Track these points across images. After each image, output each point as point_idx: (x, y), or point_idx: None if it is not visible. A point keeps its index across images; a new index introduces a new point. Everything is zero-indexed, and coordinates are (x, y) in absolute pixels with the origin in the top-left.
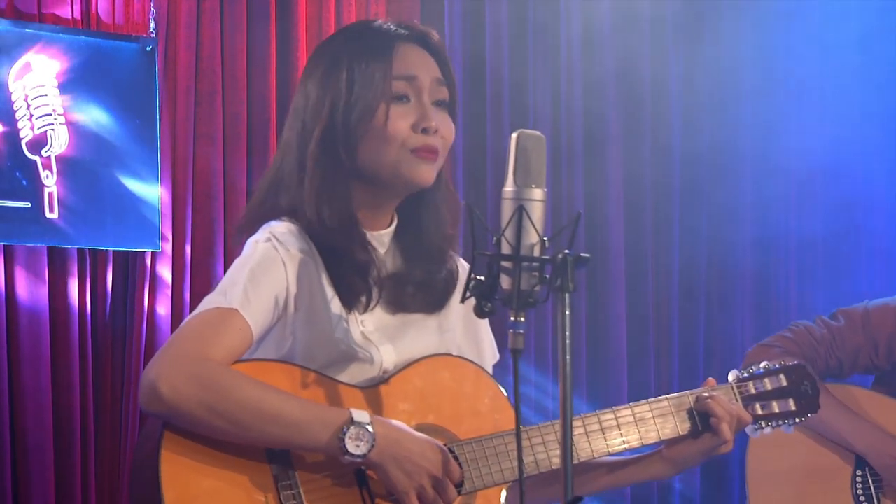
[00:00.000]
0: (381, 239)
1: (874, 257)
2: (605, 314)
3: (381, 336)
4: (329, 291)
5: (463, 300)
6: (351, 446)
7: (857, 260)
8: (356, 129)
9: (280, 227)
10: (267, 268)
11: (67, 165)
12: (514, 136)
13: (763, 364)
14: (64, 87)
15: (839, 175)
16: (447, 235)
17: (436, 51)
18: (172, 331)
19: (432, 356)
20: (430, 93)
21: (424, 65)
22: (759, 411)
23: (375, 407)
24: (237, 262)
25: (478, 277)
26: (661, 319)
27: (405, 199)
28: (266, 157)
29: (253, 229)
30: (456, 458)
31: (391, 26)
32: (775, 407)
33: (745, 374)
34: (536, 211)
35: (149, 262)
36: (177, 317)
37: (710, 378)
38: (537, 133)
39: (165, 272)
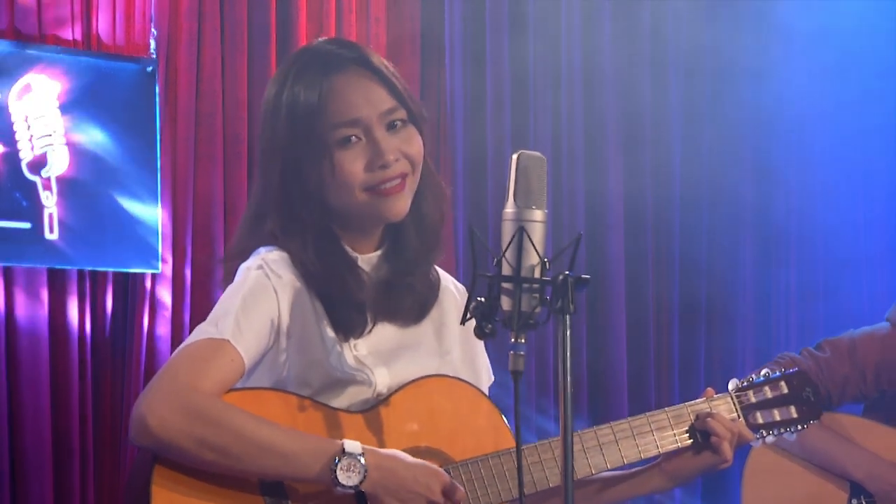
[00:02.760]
0: (371, 260)
1: (874, 272)
2: (605, 333)
3: (375, 359)
4: (321, 318)
5: (463, 321)
6: (342, 477)
7: (857, 276)
8: (312, 179)
9: (272, 255)
10: (259, 296)
11: (67, 186)
12: (514, 156)
13: (763, 371)
14: (64, 108)
15: (839, 193)
16: (434, 244)
17: (378, 71)
18: (172, 352)
19: (427, 378)
20: (380, 124)
21: (367, 97)
22: (760, 420)
23: (371, 431)
24: (229, 290)
25: (478, 298)
26: (661, 338)
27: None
28: None
29: (244, 256)
30: None
31: (326, 51)
32: (776, 415)
33: (745, 383)
34: (537, 232)
35: (148, 283)
36: (176, 338)
37: (710, 388)
38: (538, 154)
39: (165, 294)
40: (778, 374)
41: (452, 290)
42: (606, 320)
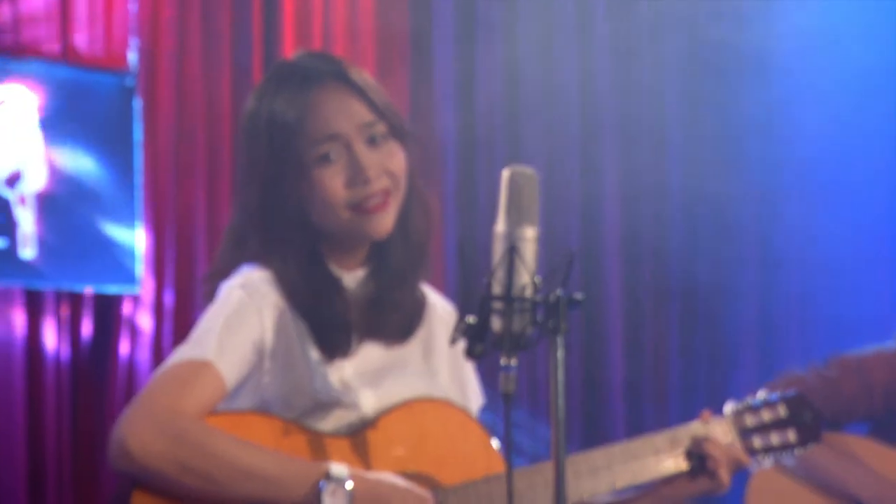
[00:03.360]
0: (355, 276)
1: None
2: (599, 352)
3: (361, 380)
4: (305, 339)
5: (452, 342)
6: (328, 501)
7: (860, 294)
8: (292, 197)
9: (255, 274)
10: (242, 317)
11: (44, 203)
12: (505, 173)
13: (760, 395)
14: (42, 122)
15: (843, 197)
16: (421, 261)
17: (356, 84)
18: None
19: (415, 400)
20: (359, 139)
21: (345, 112)
22: (758, 444)
23: (357, 455)
24: (211, 310)
25: (468, 318)
26: (658, 358)
27: None
28: None
29: (226, 274)
30: None
31: (304, 66)
32: (774, 439)
33: (743, 406)
34: (528, 250)
35: (128, 303)
36: (157, 358)
37: (706, 410)
38: (529, 170)
39: (145, 313)
40: (776, 397)
41: (440, 310)
42: (601, 340)
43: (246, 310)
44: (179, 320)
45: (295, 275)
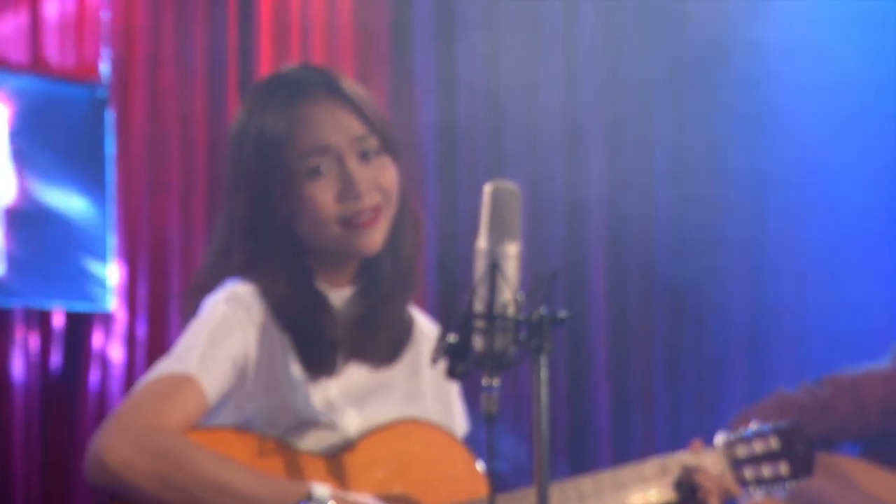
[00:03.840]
0: (343, 294)
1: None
2: (585, 372)
3: (346, 401)
4: (290, 356)
5: (433, 361)
6: None
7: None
8: (281, 211)
9: (240, 289)
10: (226, 332)
11: (13, 218)
12: (487, 188)
13: (753, 426)
14: (11, 135)
15: (836, 202)
16: (410, 281)
17: (349, 97)
18: (127, 389)
19: (400, 421)
20: (351, 152)
21: (337, 124)
22: (749, 475)
23: (339, 476)
24: (195, 324)
25: (449, 337)
26: (645, 378)
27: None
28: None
29: (209, 288)
30: None
31: (295, 78)
32: (765, 471)
33: (734, 437)
34: (511, 267)
35: (99, 321)
36: (131, 373)
37: (697, 440)
38: (511, 185)
39: (118, 330)
40: (769, 428)
41: (426, 331)
42: (586, 359)
43: (230, 325)
44: (151, 332)
45: (281, 290)
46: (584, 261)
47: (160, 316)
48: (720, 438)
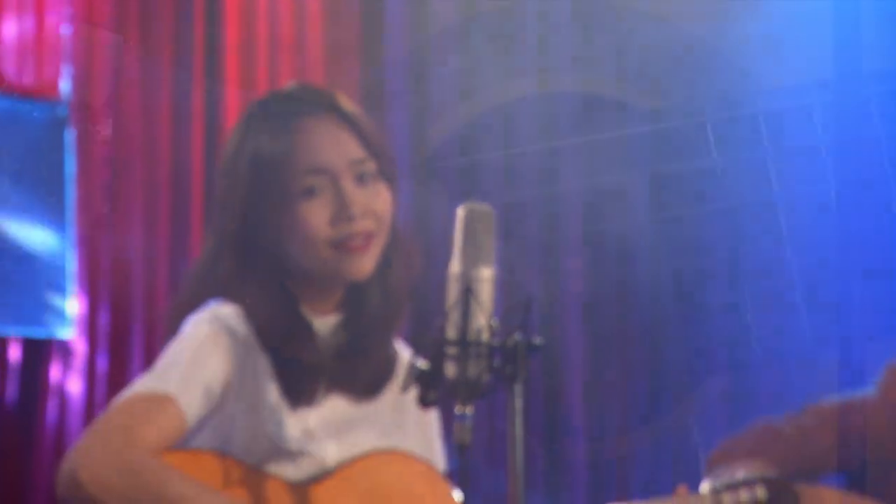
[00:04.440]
0: (328, 322)
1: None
2: (561, 399)
3: (325, 431)
4: (271, 383)
5: (404, 389)
6: None
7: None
8: (271, 232)
9: (224, 310)
10: (209, 353)
11: None
12: (460, 211)
13: (740, 474)
14: None
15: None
16: (398, 313)
17: (349, 117)
18: (86, 423)
19: (379, 452)
20: (348, 175)
21: (336, 145)
22: None
23: None
24: (177, 342)
25: (420, 364)
26: (625, 407)
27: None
28: (188, 233)
29: (192, 308)
30: None
31: (295, 97)
32: None
33: (720, 485)
34: (485, 292)
35: (58, 353)
36: (90, 407)
37: (682, 485)
38: (486, 207)
39: (77, 363)
40: (755, 478)
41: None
42: (563, 386)
43: (213, 346)
44: (113, 352)
45: (265, 314)
46: (560, 285)
47: (121, 348)
48: (706, 486)
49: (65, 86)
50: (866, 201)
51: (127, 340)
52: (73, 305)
